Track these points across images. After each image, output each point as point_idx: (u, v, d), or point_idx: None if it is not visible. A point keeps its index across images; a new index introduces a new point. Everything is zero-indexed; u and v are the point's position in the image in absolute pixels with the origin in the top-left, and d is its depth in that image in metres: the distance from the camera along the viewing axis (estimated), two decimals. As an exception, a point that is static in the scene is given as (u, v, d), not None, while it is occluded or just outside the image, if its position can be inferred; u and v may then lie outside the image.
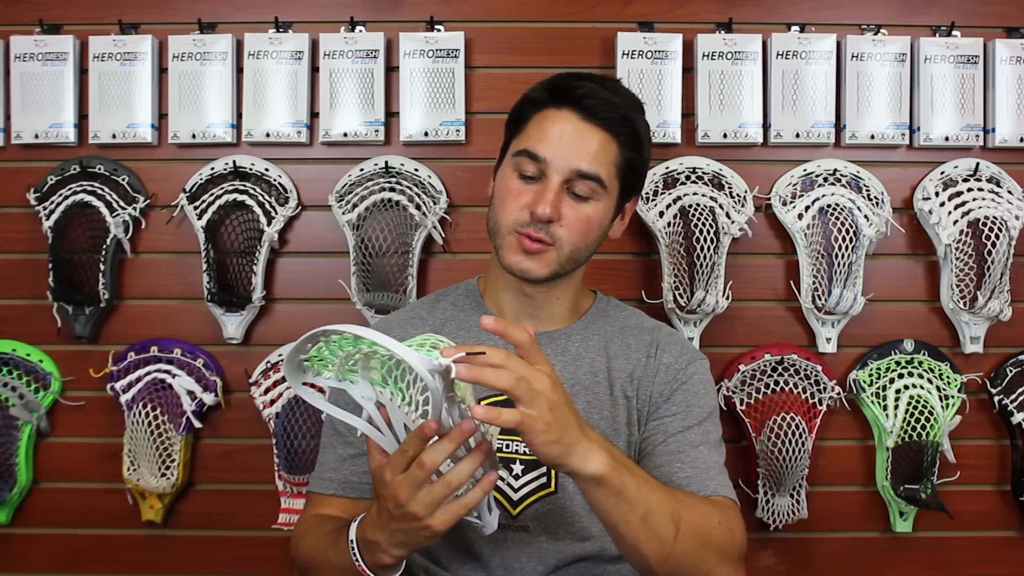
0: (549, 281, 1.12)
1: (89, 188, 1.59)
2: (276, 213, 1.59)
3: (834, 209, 1.57)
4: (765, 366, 1.58)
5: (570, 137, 1.08)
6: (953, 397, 1.59)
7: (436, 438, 0.81)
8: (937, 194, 1.59)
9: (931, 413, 1.56)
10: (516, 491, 1.10)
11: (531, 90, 1.15)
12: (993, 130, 1.61)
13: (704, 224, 1.54)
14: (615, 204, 1.14)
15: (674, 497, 0.95)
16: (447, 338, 0.82)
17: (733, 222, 1.56)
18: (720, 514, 1.01)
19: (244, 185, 1.59)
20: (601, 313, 1.22)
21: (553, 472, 1.10)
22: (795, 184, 1.61)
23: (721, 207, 1.56)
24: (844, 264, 1.56)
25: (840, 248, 1.56)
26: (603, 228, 1.14)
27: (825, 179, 1.60)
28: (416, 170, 1.60)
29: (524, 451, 1.10)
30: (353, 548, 0.93)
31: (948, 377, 1.60)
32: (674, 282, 1.57)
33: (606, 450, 0.87)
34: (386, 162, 1.58)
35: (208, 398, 1.57)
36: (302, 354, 0.83)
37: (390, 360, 0.84)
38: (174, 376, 1.57)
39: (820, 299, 1.58)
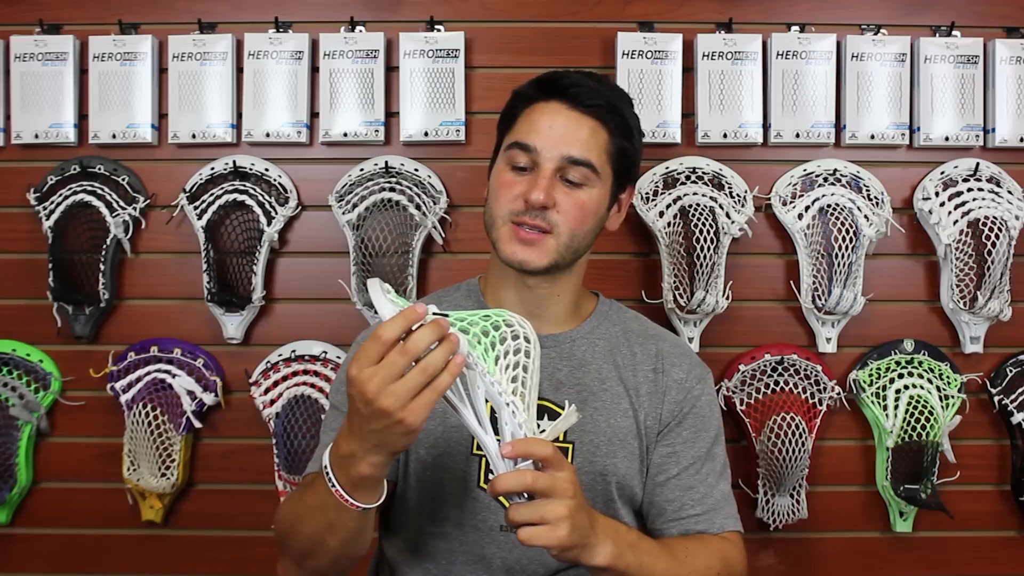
0: (549, 273, 1.12)
1: (89, 188, 1.59)
2: (276, 213, 1.59)
3: (834, 209, 1.58)
4: (765, 366, 1.58)
5: (560, 126, 1.09)
6: (953, 397, 1.59)
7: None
8: (937, 194, 1.59)
9: (931, 413, 1.56)
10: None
11: (519, 88, 1.16)
12: (993, 130, 1.61)
13: (704, 224, 1.54)
14: (610, 192, 1.14)
15: (677, 561, 1.02)
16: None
17: (733, 222, 1.56)
18: (721, 564, 1.08)
19: (244, 185, 1.59)
20: (604, 317, 1.22)
21: None
22: (795, 184, 1.61)
23: (721, 207, 1.56)
24: (844, 264, 1.56)
25: (840, 248, 1.56)
26: (599, 216, 1.14)
27: (825, 179, 1.60)
28: (416, 170, 1.60)
29: None
30: (328, 473, 0.88)
31: (948, 377, 1.60)
32: (674, 282, 1.57)
33: (611, 538, 0.92)
34: (386, 162, 1.58)
35: (208, 398, 1.57)
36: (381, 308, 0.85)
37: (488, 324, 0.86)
38: (174, 376, 1.57)
39: (820, 299, 1.58)
